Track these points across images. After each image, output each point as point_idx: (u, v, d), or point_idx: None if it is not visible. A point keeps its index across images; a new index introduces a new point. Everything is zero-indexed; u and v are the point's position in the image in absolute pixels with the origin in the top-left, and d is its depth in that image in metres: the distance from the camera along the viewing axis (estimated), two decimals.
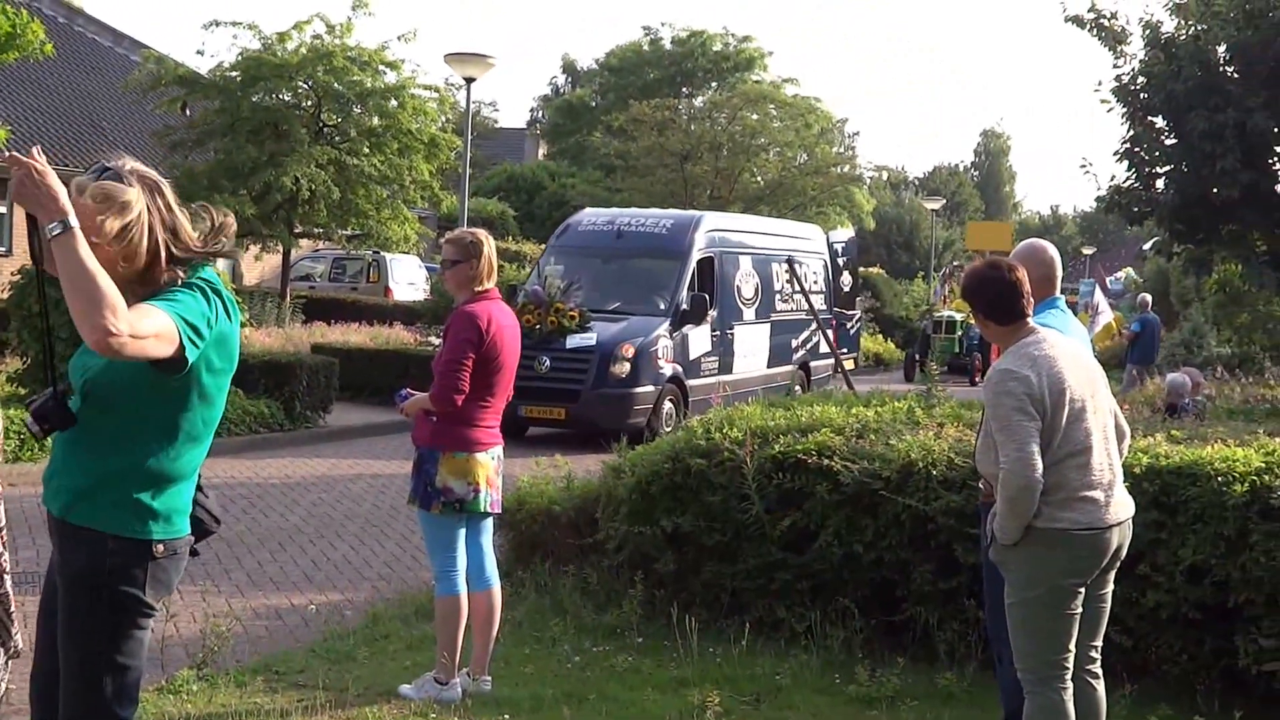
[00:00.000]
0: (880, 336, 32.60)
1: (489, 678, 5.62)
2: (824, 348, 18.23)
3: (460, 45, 19.87)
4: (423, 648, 6.10)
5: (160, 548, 3.14)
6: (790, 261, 17.61)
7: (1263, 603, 5.32)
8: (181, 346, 3.00)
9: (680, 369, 14.61)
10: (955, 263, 37.71)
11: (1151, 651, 5.62)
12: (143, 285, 3.11)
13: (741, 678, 5.82)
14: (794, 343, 17.81)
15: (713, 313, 15.11)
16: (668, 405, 14.40)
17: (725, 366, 15.65)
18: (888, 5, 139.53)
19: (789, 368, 17.47)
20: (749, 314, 16.40)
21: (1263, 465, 5.54)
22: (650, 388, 14.15)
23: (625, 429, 12.37)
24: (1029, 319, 4.41)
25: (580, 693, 5.60)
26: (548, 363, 13.91)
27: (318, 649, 6.20)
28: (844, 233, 22.73)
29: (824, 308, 18.58)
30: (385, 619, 6.70)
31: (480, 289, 5.49)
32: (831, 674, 5.87)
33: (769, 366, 16.94)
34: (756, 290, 16.58)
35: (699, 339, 15.04)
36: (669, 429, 13.55)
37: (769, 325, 16.96)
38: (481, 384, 5.43)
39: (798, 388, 16.26)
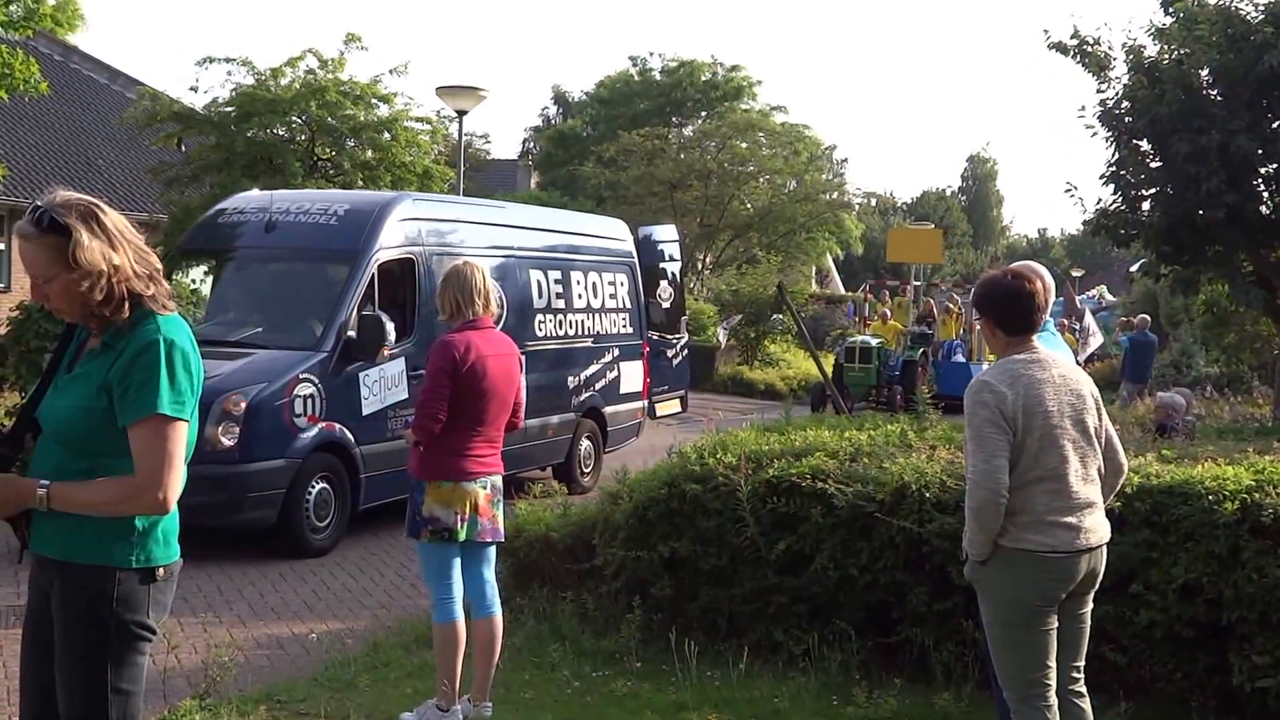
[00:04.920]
0: None
1: (490, 704, 5.66)
2: (630, 385, 13.64)
3: (452, 78, 20.06)
4: (424, 675, 6.13)
5: (162, 571, 3.22)
6: (566, 268, 12.73)
7: (1255, 620, 5.39)
8: (183, 420, 3.16)
9: (345, 430, 9.70)
10: (873, 280, 32.98)
11: (1146, 670, 5.67)
12: (115, 313, 3.17)
13: (740, 701, 5.86)
14: (573, 381, 12.60)
15: (409, 343, 10.35)
16: (319, 488, 9.46)
17: None
18: (876, 33, 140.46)
19: (565, 416, 12.40)
20: None
21: (1253, 483, 5.61)
22: (277, 463, 9.15)
23: (236, 525, 9.04)
24: (1035, 335, 4.44)
25: (580, 718, 5.65)
26: None
27: (319, 677, 6.23)
28: (667, 230, 16.57)
29: (630, 330, 13.81)
30: (386, 647, 6.74)
31: (465, 318, 5.57)
32: (829, 696, 5.92)
33: (530, 416, 11.29)
34: (501, 308, 11.22)
35: (382, 382, 10.11)
36: (324, 525, 9.50)
37: (525, 359, 11.94)
38: (465, 412, 5.49)
39: (586, 441, 12.73)
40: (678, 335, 15.77)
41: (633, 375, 13.77)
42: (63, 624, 3.16)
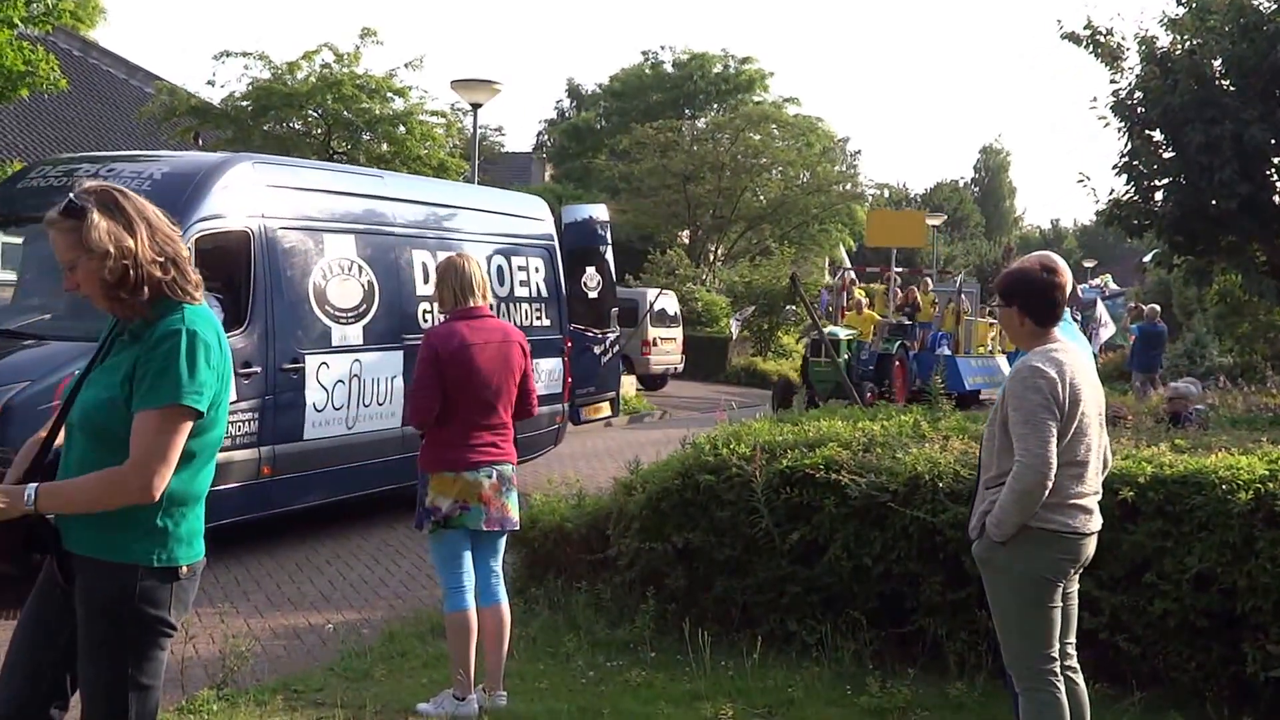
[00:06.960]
0: None
1: (504, 693, 5.69)
2: (545, 387, 11.53)
3: (466, 71, 20.07)
4: (439, 665, 6.17)
5: (185, 570, 3.22)
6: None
7: (1269, 610, 5.39)
8: (197, 412, 3.13)
9: None
10: (846, 268, 29.98)
11: (1160, 660, 5.67)
12: (131, 296, 3.18)
13: (754, 690, 5.89)
14: None
15: (240, 334, 8.74)
16: None
17: (282, 429, 9.05)
18: (888, 24, 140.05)
19: None
20: (347, 334, 9.55)
21: (1267, 473, 5.61)
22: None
23: None
24: (1058, 326, 4.53)
25: (594, 707, 5.67)
26: None
27: (336, 667, 6.28)
28: (599, 209, 14.39)
29: (547, 323, 12.11)
30: (401, 637, 6.78)
31: (462, 308, 5.62)
32: (843, 686, 5.94)
33: (407, 423, 8.21)
34: (369, 293, 9.85)
35: None
36: None
37: (402, 352, 9.88)
38: (458, 402, 5.52)
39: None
40: (608, 329, 13.69)
41: (549, 375, 11.92)
42: (84, 618, 3.18)
